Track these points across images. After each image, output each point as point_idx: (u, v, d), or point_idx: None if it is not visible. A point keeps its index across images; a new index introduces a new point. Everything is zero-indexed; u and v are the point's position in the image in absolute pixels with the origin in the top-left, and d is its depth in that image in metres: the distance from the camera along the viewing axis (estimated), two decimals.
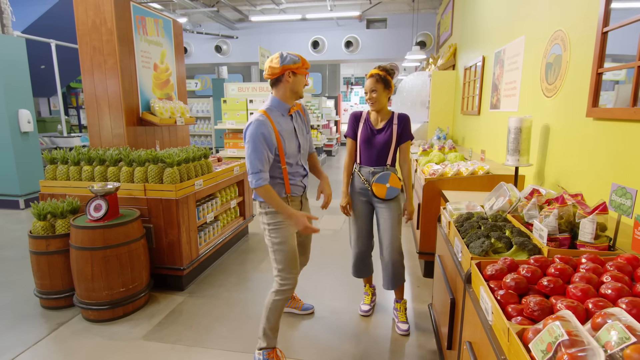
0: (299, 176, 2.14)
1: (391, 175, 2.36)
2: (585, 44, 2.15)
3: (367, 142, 2.41)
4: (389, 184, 2.35)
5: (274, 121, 1.98)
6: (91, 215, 2.55)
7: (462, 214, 1.88)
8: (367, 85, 2.36)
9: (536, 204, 1.69)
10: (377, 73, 2.32)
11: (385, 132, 2.39)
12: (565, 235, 1.49)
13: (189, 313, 2.70)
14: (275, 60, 1.96)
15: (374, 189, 2.36)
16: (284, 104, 2.05)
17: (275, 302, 2.07)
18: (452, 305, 1.65)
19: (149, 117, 3.55)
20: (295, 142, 2.09)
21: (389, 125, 2.40)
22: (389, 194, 2.36)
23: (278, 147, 1.99)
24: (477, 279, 1.33)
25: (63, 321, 2.60)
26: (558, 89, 2.47)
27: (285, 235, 2.05)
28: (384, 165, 2.41)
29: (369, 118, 2.47)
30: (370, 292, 2.78)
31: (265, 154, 1.92)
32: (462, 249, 1.58)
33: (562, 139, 2.42)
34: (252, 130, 1.91)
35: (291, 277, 2.08)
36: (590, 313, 0.99)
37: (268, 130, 1.93)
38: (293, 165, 2.10)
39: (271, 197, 1.95)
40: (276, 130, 1.97)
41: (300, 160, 2.14)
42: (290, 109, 2.08)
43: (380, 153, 2.40)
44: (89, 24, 3.19)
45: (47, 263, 2.67)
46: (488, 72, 4.17)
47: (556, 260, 1.30)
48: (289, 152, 2.05)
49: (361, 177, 2.44)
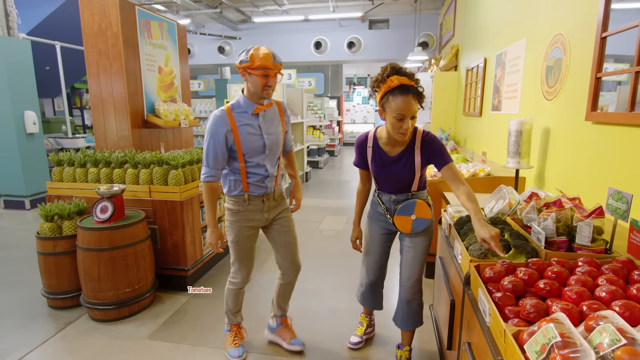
0: (259, 176, 2.03)
1: (417, 204, 1.86)
2: (584, 48, 2.17)
3: (382, 174, 1.91)
4: (415, 215, 1.88)
5: (234, 118, 1.93)
6: (98, 216, 2.60)
7: (462, 216, 1.91)
8: (404, 108, 1.62)
9: (535, 207, 1.72)
10: (410, 84, 1.65)
11: (404, 162, 1.84)
12: (562, 238, 1.52)
13: (193, 313, 2.74)
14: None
15: (396, 223, 1.91)
16: (249, 102, 1.97)
17: (228, 290, 2.24)
18: (452, 306, 1.68)
19: (153, 119, 3.60)
20: (259, 142, 1.99)
21: (409, 151, 1.83)
22: (416, 227, 1.89)
23: (236, 144, 1.94)
24: (475, 281, 1.36)
25: (70, 321, 2.64)
26: (558, 92, 2.49)
27: (238, 235, 2.09)
28: (407, 192, 1.92)
29: (379, 143, 1.88)
30: (366, 322, 2.39)
31: (217, 149, 1.91)
32: (462, 252, 1.61)
33: (562, 142, 2.44)
34: (209, 125, 1.92)
35: (240, 274, 2.18)
36: (584, 315, 1.02)
37: (223, 127, 1.90)
38: (253, 165, 2.01)
39: (207, 195, 1.98)
40: (235, 127, 1.92)
41: (264, 160, 2.03)
42: (257, 107, 1.97)
43: (400, 182, 1.91)
44: (95, 28, 3.24)
45: (54, 263, 2.72)
46: (490, 73, 4.19)
47: (553, 263, 1.33)
48: (250, 152, 1.97)
49: (381, 204, 1.99)
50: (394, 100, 1.64)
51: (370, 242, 2.09)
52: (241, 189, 2.03)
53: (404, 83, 1.63)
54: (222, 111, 1.93)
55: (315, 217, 5.14)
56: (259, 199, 2.08)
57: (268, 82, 1.88)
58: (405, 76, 1.65)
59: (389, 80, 1.65)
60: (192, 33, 10.64)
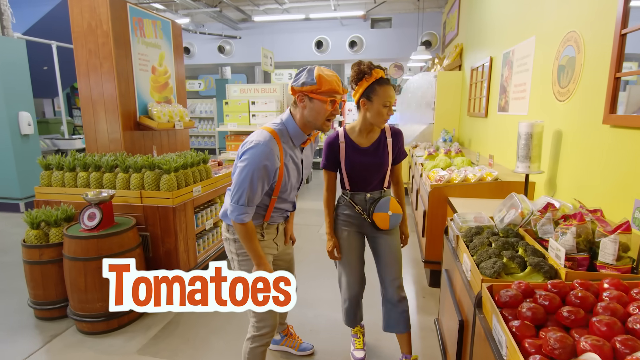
0: (283, 210, 1.82)
1: (391, 201, 1.95)
2: (601, 46, 2.03)
3: (356, 167, 1.93)
4: (391, 212, 1.94)
5: (282, 148, 1.58)
6: (85, 224, 2.47)
7: (471, 227, 1.77)
8: (390, 96, 1.78)
9: (551, 219, 1.58)
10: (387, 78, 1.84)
11: (377, 151, 1.93)
12: (583, 255, 1.38)
13: (185, 324, 2.61)
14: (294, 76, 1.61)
15: (375, 221, 1.93)
16: (300, 133, 1.63)
17: (254, 351, 1.75)
18: (461, 327, 1.54)
19: (146, 121, 3.47)
20: (296, 177, 1.72)
21: (381, 142, 1.94)
22: (393, 222, 1.95)
23: (277, 181, 1.61)
24: (489, 304, 1.22)
25: (57, 333, 2.52)
26: (571, 92, 2.34)
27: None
28: (380, 189, 1.99)
29: (350, 137, 1.94)
30: (361, 333, 2.31)
31: (261, 188, 1.56)
32: (472, 268, 1.48)
33: (575, 146, 2.30)
34: (255, 157, 1.50)
35: (269, 317, 1.72)
36: (618, 354, 0.88)
37: (276, 162, 1.55)
38: (285, 201, 1.76)
39: (249, 237, 1.60)
40: (282, 162, 1.58)
41: (292, 194, 1.79)
42: (307, 140, 1.68)
43: (375, 176, 1.96)
44: (85, 26, 3.11)
45: (40, 273, 2.59)
46: (496, 73, 4.04)
47: (576, 286, 1.19)
48: (287, 188, 1.69)
49: (355, 206, 1.98)
50: (381, 89, 1.78)
51: (348, 249, 2.04)
52: (262, 219, 1.74)
53: (383, 77, 1.81)
54: (272, 140, 1.54)
55: (314, 221, 5.00)
56: (274, 226, 1.82)
57: (334, 111, 1.59)
58: (382, 71, 1.81)
59: (374, 72, 1.78)
60: (191, 32, 10.52)
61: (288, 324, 2.36)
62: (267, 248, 1.79)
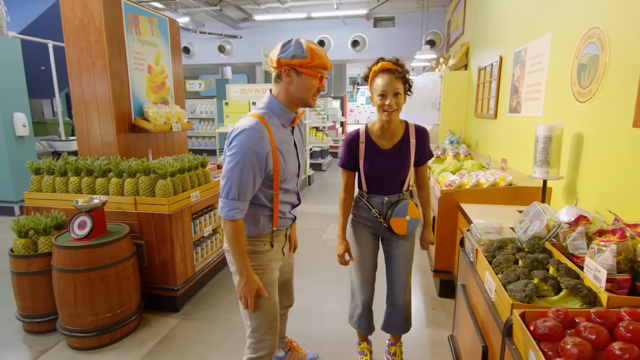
0: (290, 206, 1.66)
1: (410, 205, 1.85)
2: (629, 43, 1.87)
3: (375, 170, 1.84)
4: (409, 216, 1.85)
5: (272, 132, 1.45)
6: (75, 233, 2.32)
7: (493, 241, 1.62)
8: (384, 84, 1.67)
9: (583, 233, 1.43)
10: (394, 68, 1.69)
11: (399, 154, 1.83)
12: (624, 276, 1.22)
13: (182, 339, 2.46)
14: (276, 49, 1.46)
15: (392, 225, 1.84)
16: (285, 110, 1.51)
17: None
18: (485, 354, 1.39)
19: (141, 123, 3.32)
20: (295, 162, 1.59)
21: (404, 144, 1.83)
22: (410, 228, 1.87)
23: (273, 168, 1.47)
24: (522, 335, 1.07)
25: (46, 348, 2.37)
26: (594, 93, 2.19)
27: (266, 285, 1.56)
28: (399, 192, 1.89)
29: (371, 137, 1.84)
30: (369, 351, 2.20)
31: (253, 179, 1.42)
32: (497, 289, 1.32)
33: (599, 151, 2.14)
34: (245, 143, 1.37)
35: (268, 338, 1.58)
36: None
37: (265, 146, 1.42)
38: (289, 191, 1.60)
39: (237, 238, 1.44)
40: (274, 145, 1.45)
41: (296, 185, 1.65)
42: (295, 118, 1.57)
43: (395, 180, 1.87)
44: (76, 23, 2.96)
45: (28, 284, 2.45)
46: (506, 73, 3.88)
47: (624, 315, 1.04)
48: (287, 176, 1.54)
49: (371, 209, 1.90)
50: (376, 80, 1.73)
51: (361, 252, 1.97)
52: (271, 225, 1.58)
53: (387, 67, 1.71)
54: (260, 124, 1.41)
55: (318, 225, 4.85)
56: (283, 232, 1.67)
57: (320, 87, 1.50)
58: (389, 62, 1.72)
59: (374, 66, 1.75)
60: (191, 32, 10.38)
61: (289, 338, 2.22)
62: (273, 261, 1.64)
